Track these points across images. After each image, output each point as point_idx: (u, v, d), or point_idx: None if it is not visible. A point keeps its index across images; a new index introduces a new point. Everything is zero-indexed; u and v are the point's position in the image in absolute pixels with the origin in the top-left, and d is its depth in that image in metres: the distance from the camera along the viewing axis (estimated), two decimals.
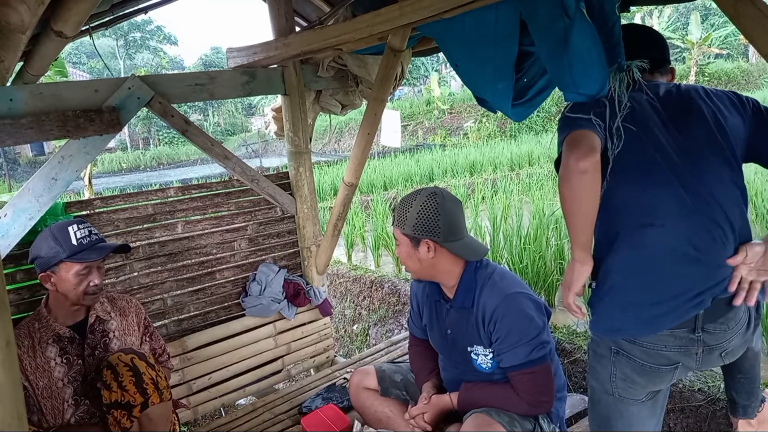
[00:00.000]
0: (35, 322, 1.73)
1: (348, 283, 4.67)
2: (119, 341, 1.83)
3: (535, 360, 1.54)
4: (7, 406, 0.88)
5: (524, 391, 1.56)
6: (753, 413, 1.54)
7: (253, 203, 2.67)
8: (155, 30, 39.14)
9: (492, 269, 1.65)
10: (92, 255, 1.71)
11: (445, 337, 1.73)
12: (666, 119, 1.31)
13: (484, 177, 9.87)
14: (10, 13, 1.28)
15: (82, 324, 1.79)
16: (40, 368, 1.67)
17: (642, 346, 1.28)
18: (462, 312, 1.65)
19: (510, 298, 1.56)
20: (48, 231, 1.73)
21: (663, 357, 1.28)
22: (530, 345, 1.53)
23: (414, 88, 32.37)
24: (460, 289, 1.64)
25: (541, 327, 1.56)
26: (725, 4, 1.17)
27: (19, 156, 23.25)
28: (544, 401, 1.56)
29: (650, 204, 1.25)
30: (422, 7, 1.51)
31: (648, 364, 1.29)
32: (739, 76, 22.39)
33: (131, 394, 1.61)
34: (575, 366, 2.64)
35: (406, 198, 1.64)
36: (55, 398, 1.68)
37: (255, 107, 36.02)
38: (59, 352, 1.71)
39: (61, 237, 1.69)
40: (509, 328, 1.54)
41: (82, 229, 1.74)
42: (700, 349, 1.27)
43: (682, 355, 1.27)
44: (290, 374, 2.83)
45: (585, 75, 1.43)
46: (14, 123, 1.78)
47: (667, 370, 1.30)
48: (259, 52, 2.29)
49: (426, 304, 1.81)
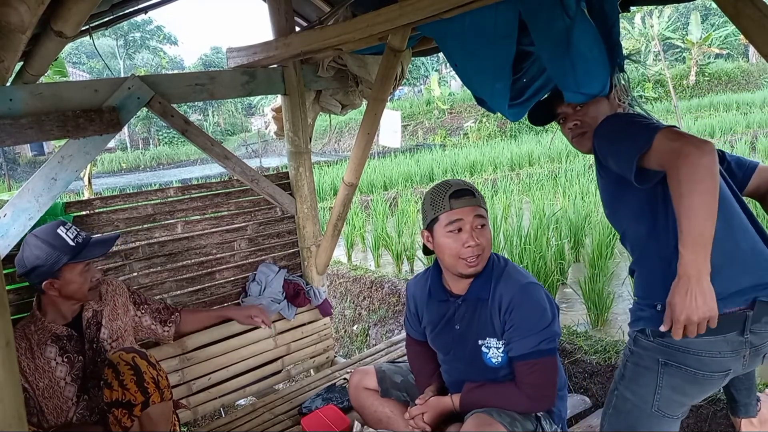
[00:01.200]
0: (30, 324, 1.72)
1: (348, 283, 4.67)
2: (107, 329, 1.85)
3: (543, 351, 1.54)
4: (7, 406, 0.88)
5: (527, 384, 1.55)
6: (754, 411, 1.54)
7: (253, 203, 2.67)
8: (155, 30, 39.14)
9: (505, 262, 1.68)
10: (95, 251, 1.71)
11: (452, 334, 1.71)
12: None
13: (484, 177, 9.86)
14: (10, 13, 1.28)
15: (77, 320, 1.80)
16: (39, 369, 1.67)
17: (696, 354, 1.26)
18: (476, 304, 1.64)
19: (527, 287, 1.58)
20: (36, 240, 1.68)
21: (717, 364, 1.26)
22: (540, 335, 1.54)
23: (414, 88, 32.37)
24: (477, 281, 1.64)
25: (551, 319, 1.57)
26: (725, 4, 1.17)
27: (19, 156, 23.25)
28: (545, 395, 1.56)
29: None
30: (422, 7, 1.51)
31: (701, 372, 1.27)
32: (739, 76, 22.39)
33: (132, 393, 1.60)
34: (575, 366, 2.64)
35: (467, 183, 1.64)
36: (57, 397, 1.68)
37: (255, 107, 36.00)
38: (59, 351, 1.71)
39: (55, 242, 1.67)
40: (523, 316, 1.55)
41: (70, 229, 1.72)
42: (748, 351, 1.26)
43: (734, 360, 1.26)
44: (290, 374, 2.83)
45: (587, 74, 1.43)
46: (14, 123, 1.78)
47: (718, 377, 1.28)
48: (259, 52, 2.29)
49: (427, 305, 1.78)
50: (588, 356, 2.63)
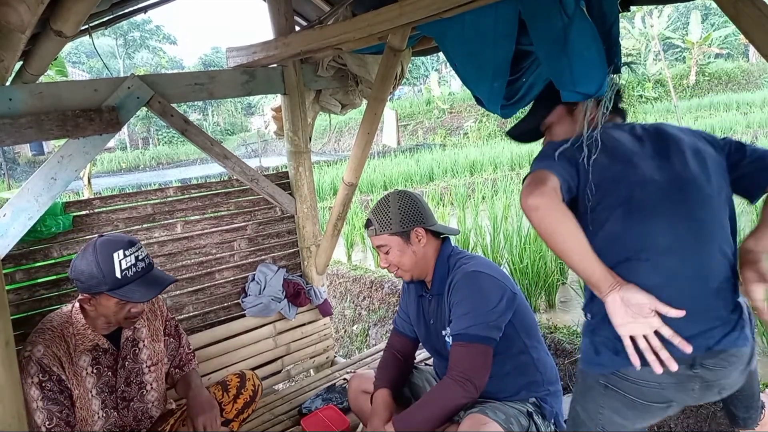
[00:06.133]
0: (68, 326, 1.63)
1: (348, 283, 4.67)
2: (148, 349, 1.79)
3: (473, 336, 1.55)
4: (7, 406, 0.88)
5: (454, 364, 1.57)
6: (755, 423, 1.49)
7: (253, 203, 2.67)
8: (155, 29, 39.14)
9: (462, 255, 1.74)
10: (135, 294, 1.55)
11: (429, 329, 1.80)
12: (653, 153, 1.28)
13: (484, 177, 9.86)
14: (10, 13, 1.28)
15: (117, 333, 1.72)
16: (75, 375, 1.61)
17: (634, 383, 1.21)
18: (439, 298, 1.73)
19: (470, 274, 1.64)
20: (92, 253, 1.55)
21: (655, 394, 1.21)
22: (475, 319, 1.56)
23: (414, 88, 32.38)
24: (436, 276, 1.73)
25: (493, 308, 1.57)
26: (725, 4, 1.17)
27: (18, 155, 23.23)
28: (469, 378, 1.53)
29: (639, 239, 1.20)
30: (422, 7, 1.51)
31: (639, 400, 1.22)
32: (739, 76, 22.39)
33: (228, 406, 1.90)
34: (575, 366, 2.64)
35: (378, 206, 1.75)
36: (86, 409, 1.63)
37: (254, 107, 36.01)
38: (91, 361, 1.65)
39: (104, 265, 1.53)
40: (461, 297, 1.61)
41: (129, 255, 1.57)
42: (698, 386, 1.20)
43: (676, 392, 1.20)
44: (290, 375, 2.83)
45: (584, 74, 1.42)
46: (14, 123, 1.78)
47: (658, 408, 1.24)
48: (259, 51, 2.29)
49: (413, 301, 1.87)
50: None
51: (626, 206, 1.22)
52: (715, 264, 1.21)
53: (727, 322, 1.19)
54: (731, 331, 1.19)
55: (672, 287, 1.17)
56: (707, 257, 1.21)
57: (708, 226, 1.22)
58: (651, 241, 1.19)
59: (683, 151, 1.29)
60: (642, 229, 1.21)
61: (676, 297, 1.14)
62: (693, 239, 1.20)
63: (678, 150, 1.29)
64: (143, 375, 1.77)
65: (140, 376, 1.76)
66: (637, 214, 1.22)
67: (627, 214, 1.22)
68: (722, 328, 1.19)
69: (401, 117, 18.50)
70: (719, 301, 1.20)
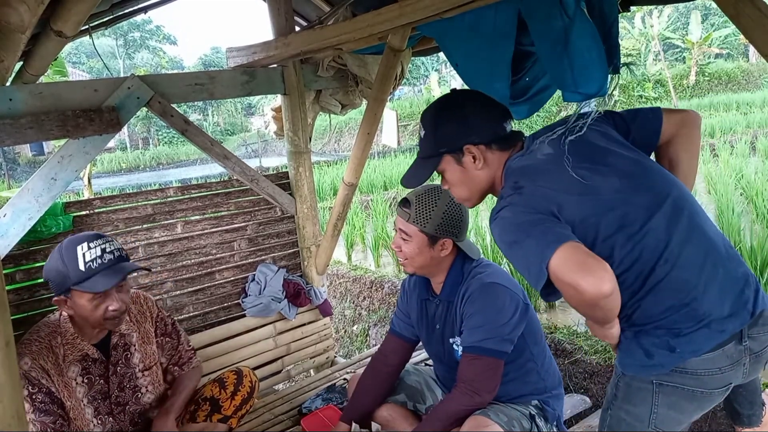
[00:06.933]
0: (57, 336, 1.58)
1: (348, 283, 4.67)
2: (140, 353, 1.77)
3: (486, 349, 1.54)
4: (7, 406, 0.88)
5: (463, 375, 1.56)
6: (758, 421, 1.50)
7: (253, 203, 2.67)
8: (155, 30, 39.15)
9: (479, 263, 1.68)
10: (98, 284, 1.50)
11: (434, 333, 1.76)
12: (590, 165, 1.20)
13: None
14: (10, 13, 1.28)
15: (106, 341, 1.68)
16: (66, 387, 1.58)
17: (694, 375, 1.18)
18: (449, 305, 1.69)
19: (487, 285, 1.60)
20: (58, 251, 1.53)
21: (717, 380, 1.20)
22: (489, 333, 1.54)
23: (414, 88, 32.39)
24: (447, 282, 1.68)
25: (507, 322, 1.55)
26: (725, 4, 1.17)
27: (19, 156, 23.24)
28: (477, 391, 1.53)
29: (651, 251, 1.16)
30: (422, 7, 1.51)
31: (700, 390, 1.21)
32: (739, 76, 22.41)
33: (227, 402, 1.89)
34: (575, 366, 2.64)
35: (426, 196, 1.61)
36: (80, 418, 1.62)
37: (255, 107, 36.00)
38: (81, 371, 1.62)
39: (68, 259, 1.50)
40: (476, 309, 1.58)
41: (94, 248, 1.52)
42: (748, 359, 1.20)
43: (734, 372, 1.20)
44: (290, 375, 2.83)
45: (584, 74, 1.42)
46: (14, 123, 1.78)
47: (719, 393, 1.23)
48: (259, 51, 2.29)
49: (415, 303, 1.82)
50: (588, 356, 2.63)
51: (622, 231, 1.17)
52: (710, 227, 1.21)
53: (751, 282, 1.20)
54: (758, 289, 1.20)
55: (702, 273, 1.16)
56: (704, 227, 1.20)
57: (678, 198, 1.20)
58: (659, 245, 1.17)
59: (608, 147, 1.23)
60: (648, 241, 1.17)
61: (711, 280, 1.16)
62: (687, 221, 1.19)
63: (600, 148, 1.23)
64: (137, 379, 1.75)
65: (133, 380, 1.74)
66: (632, 231, 1.17)
67: (628, 238, 1.17)
68: (750, 288, 1.19)
69: (401, 117, 18.48)
70: (736, 264, 1.20)
